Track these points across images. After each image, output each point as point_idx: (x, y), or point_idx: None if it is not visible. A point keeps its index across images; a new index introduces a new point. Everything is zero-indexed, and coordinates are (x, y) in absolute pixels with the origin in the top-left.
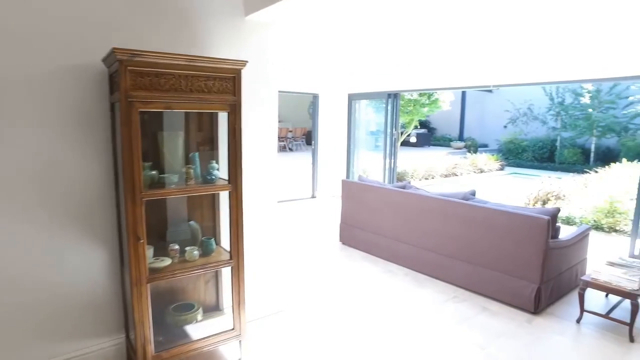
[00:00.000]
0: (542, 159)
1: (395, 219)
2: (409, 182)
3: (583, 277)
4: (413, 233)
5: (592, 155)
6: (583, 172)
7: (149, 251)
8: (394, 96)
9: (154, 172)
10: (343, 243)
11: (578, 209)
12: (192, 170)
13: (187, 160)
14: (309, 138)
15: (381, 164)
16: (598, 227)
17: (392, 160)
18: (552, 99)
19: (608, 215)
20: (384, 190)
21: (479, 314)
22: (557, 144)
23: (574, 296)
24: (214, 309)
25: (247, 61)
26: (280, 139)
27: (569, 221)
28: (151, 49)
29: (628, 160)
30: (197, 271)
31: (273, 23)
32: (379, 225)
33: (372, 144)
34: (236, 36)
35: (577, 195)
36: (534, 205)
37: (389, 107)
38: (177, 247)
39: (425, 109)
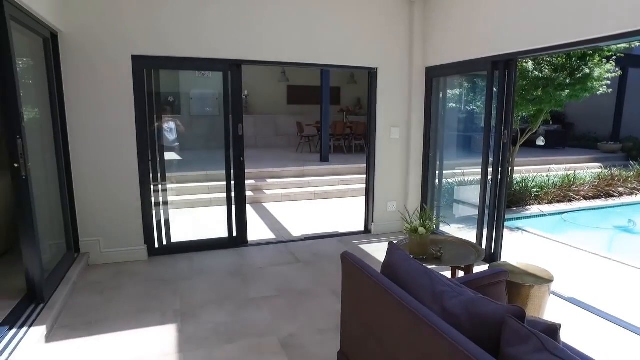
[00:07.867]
0: None
1: None
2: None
3: None
4: None
5: None
6: None
7: None
8: (503, 66)
9: None
10: None
11: None
12: None
13: None
14: None
15: (480, 178)
16: None
17: (500, 171)
18: None
19: None
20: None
21: None
22: None
23: None
24: None
25: None
26: (336, 137)
27: None
28: None
29: None
30: None
31: None
32: None
33: (478, 146)
34: None
35: None
36: None
37: (496, 86)
38: None
39: (566, 93)
